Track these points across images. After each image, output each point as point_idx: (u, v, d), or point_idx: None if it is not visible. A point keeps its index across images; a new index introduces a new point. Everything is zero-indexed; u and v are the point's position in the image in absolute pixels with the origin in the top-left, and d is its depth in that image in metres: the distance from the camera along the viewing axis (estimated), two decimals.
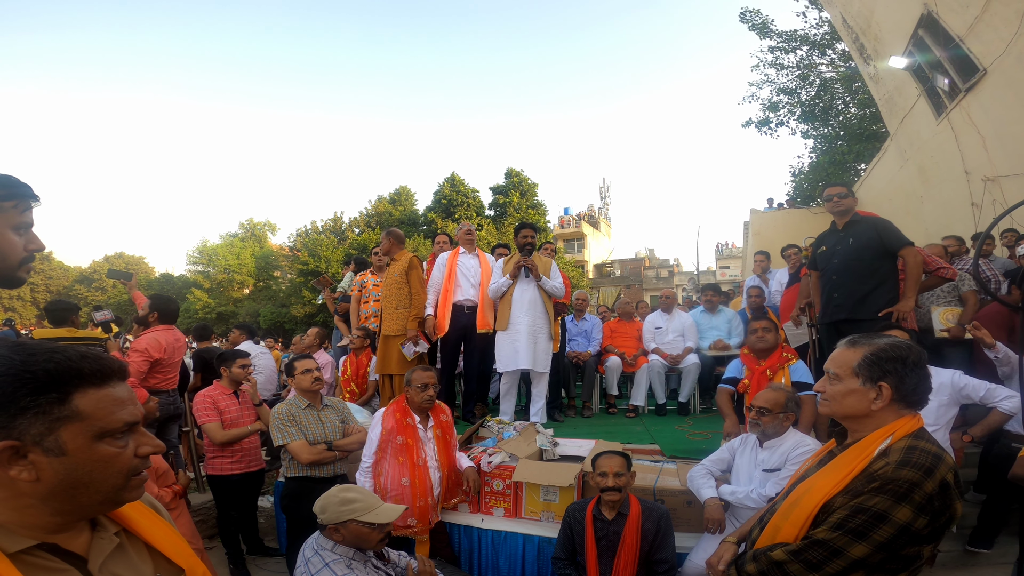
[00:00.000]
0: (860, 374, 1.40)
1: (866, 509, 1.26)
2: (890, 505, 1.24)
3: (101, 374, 0.81)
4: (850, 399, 1.42)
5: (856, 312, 3.63)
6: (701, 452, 3.55)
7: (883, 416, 1.39)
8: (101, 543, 0.85)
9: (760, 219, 14.68)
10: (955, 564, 3.50)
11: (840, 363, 1.46)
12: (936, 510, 1.25)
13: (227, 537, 3.80)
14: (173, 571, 0.95)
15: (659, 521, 2.58)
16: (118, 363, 0.86)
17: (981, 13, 5.76)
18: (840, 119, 13.71)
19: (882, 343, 1.42)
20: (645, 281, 38.29)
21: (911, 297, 3.52)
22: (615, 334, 5.61)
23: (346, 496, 2.11)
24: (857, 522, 1.27)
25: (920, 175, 8.36)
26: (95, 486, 0.79)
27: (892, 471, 1.27)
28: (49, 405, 0.75)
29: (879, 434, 1.36)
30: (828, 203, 3.86)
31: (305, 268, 26.11)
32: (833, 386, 1.47)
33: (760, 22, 13.99)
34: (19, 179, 1.21)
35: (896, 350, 1.39)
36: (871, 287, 3.61)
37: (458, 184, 26.88)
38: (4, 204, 1.18)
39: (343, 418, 3.40)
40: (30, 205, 1.25)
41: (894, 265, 3.67)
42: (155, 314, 4.01)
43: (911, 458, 1.27)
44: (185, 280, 35.11)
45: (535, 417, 4.37)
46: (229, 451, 3.63)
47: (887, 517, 1.24)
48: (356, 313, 5.55)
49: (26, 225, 1.24)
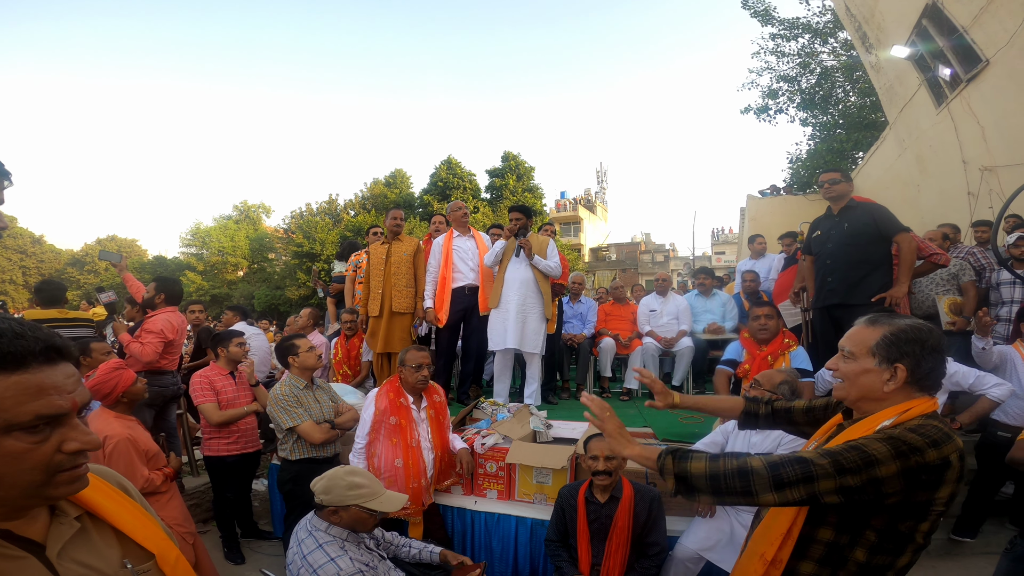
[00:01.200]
0: (877, 354, 1.36)
1: (860, 448, 1.21)
2: (885, 455, 1.19)
3: (14, 358, 0.72)
4: (864, 379, 1.38)
5: (849, 297, 3.63)
6: (694, 436, 3.57)
7: (894, 398, 1.35)
8: (60, 528, 0.81)
9: (756, 205, 14.64)
10: (939, 553, 3.54)
11: (857, 341, 1.42)
12: (921, 483, 1.21)
13: (222, 520, 3.80)
14: (143, 556, 0.89)
15: (651, 505, 2.59)
16: (53, 342, 0.77)
17: (987, 4, 5.72)
18: (840, 107, 13.63)
19: (903, 324, 1.38)
20: (641, 265, 38.31)
21: (904, 283, 3.53)
22: (610, 317, 5.61)
23: (353, 480, 2.10)
24: (847, 456, 1.21)
25: (918, 164, 8.34)
26: (8, 482, 0.72)
27: (900, 432, 1.23)
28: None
29: (891, 411, 1.32)
30: (822, 189, 3.87)
31: (300, 250, 25.98)
32: (847, 365, 1.42)
33: (762, 9, 13.83)
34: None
35: (916, 332, 1.35)
36: (865, 272, 3.61)
37: (455, 167, 26.68)
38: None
39: (332, 396, 3.42)
40: (1, 183, 1.21)
41: (888, 251, 3.67)
42: (162, 295, 3.98)
43: (921, 429, 1.24)
44: (179, 263, 34.89)
45: (529, 399, 4.38)
46: (226, 432, 3.62)
47: (875, 463, 1.19)
48: (351, 293, 5.52)
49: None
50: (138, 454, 2.65)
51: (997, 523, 3.61)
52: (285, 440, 3.15)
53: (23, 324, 0.75)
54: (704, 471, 1.30)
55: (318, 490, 2.11)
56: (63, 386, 0.76)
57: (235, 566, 3.66)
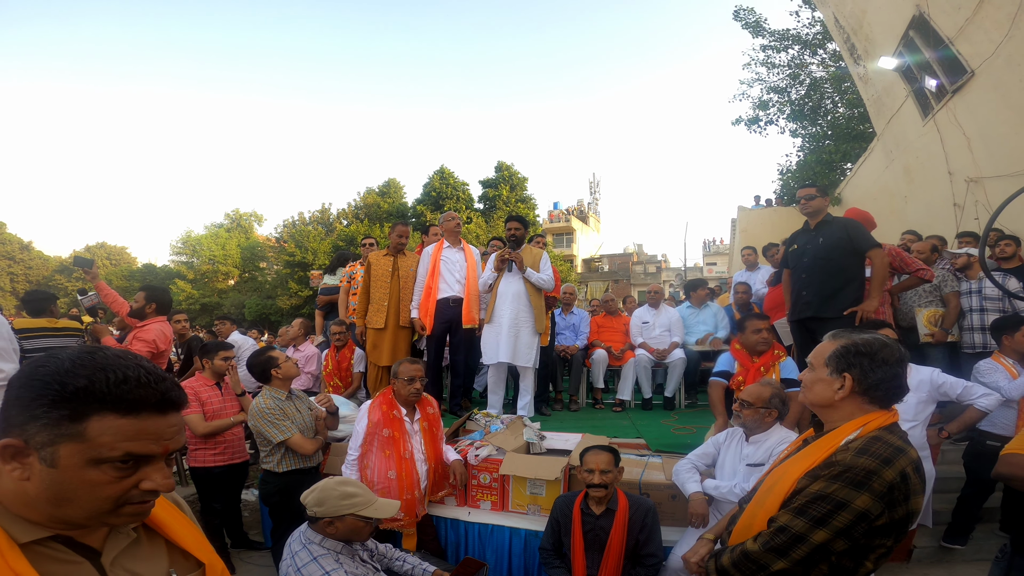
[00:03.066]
0: (829, 364, 1.48)
1: (826, 496, 1.31)
2: (848, 492, 1.28)
3: (134, 404, 0.77)
4: (817, 387, 1.50)
5: (822, 310, 3.70)
6: (686, 447, 3.57)
7: (847, 408, 1.44)
8: (117, 538, 0.86)
9: (747, 216, 14.81)
10: (930, 560, 3.57)
11: (817, 353, 1.54)
12: (895, 500, 1.29)
13: (210, 530, 3.74)
14: (191, 567, 0.94)
15: (646, 516, 2.59)
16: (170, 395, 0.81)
17: (972, 15, 5.82)
18: (828, 119, 13.81)
19: (858, 338, 1.47)
20: (633, 276, 38.47)
21: (875, 297, 3.61)
22: (602, 329, 5.63)
23: (346, 490, 2.09)
24: (818, 508, 1.31)
25: (905, 175, 8.46)
26: (78, 504, 0.77)
27: (850, 459, 1.31)
28: (60, 420, 0.74)
29: (851, 425, 1.41)
30: (799, 205, 3.97)
31: (292, 259, 25.87)
32: (807, 374, 1.55)
33: (753, 21, 14.03)
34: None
35: (868, 345, 1.44)
36: (838, 286, 3.69)
37: (448, 177, 26.73)
38: None
39: (308, 404, 3.41)
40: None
41: (862, 265, 3.75)
42: (152, 305, 3.93)
43: (870, 448, 1.32)
44: (168, 271, 34.62)
45: (522, 411, 4.37)
46: (212, 443, 3.59)
47: (846, 504, 1.28)
48: (344, 305, 5.49)
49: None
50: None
51: (987, 530, 3.63)
52: (272, 453, 3.11)
53: (151, 373, 0.80)
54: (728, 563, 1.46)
55: (310, 503, 2.09)
56: (163, 434, 0.81)
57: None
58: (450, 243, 4.73)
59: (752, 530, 1.46)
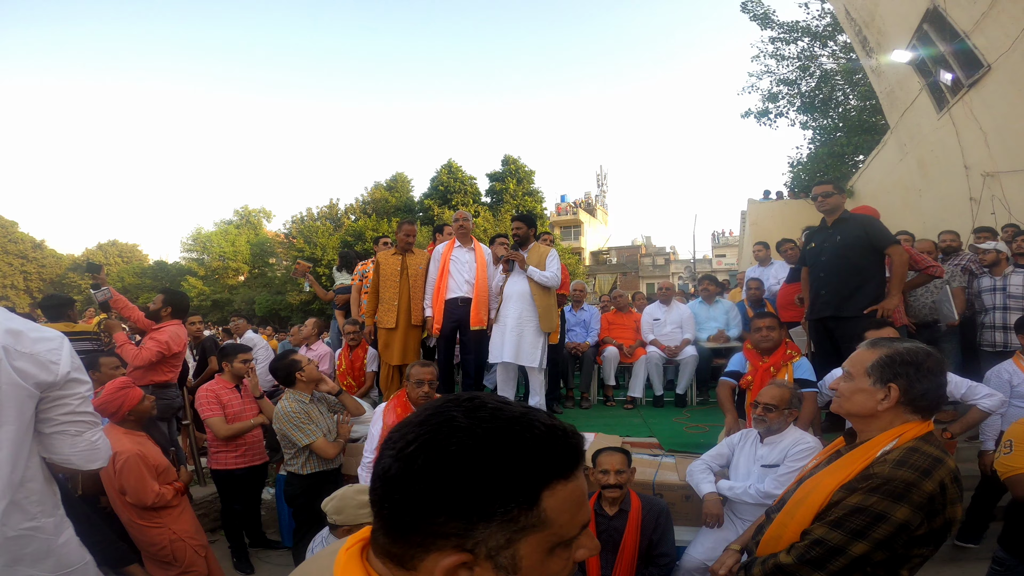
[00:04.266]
0: (872, 374, 1.43)
1: (865, 509, 1.29)
2: (888, 505, 1.27)
3: (575, 459, 0.61)
4: (858, 397, 1.45)
5: (841, 309, 3.66)
6: (699, 446, 3.58)
7: (887, 418, 1.41)
8: None
9: (758, 209, 14.70)
10: (943, 559, 3.56)
11: (856, 362, 1.49)
12: (935, 510, 1.27)
13: (231, 531, 3.81)
14: None
15: (659, 517, 2.61)
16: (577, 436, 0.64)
17: (988, 9, 5.75)
18: (839, 111, 13.69)
19: (901, 347, 1.44)
20: (641, 269, 38.38)
21: (895, 295, 3.56)
22: (613, 325, 5.63)
23: (364, 499, 2.11)
24: (856, 521, 1.30)
25: (919, 169, 8.37)
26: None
27: (889, 471, 1.30)
28: (519, 511, 0.56)
29: (887, 436, 1.39)
30: (815, 202, 3.90)
31: (301, 255, 26.00)
32: (845, 383, 1.50)
33: (762, 12, 13.88)
34: None
35: (912, 355, 1.41)
36: (857, 284, 3.64)
37: (455, 171, 26.73)
38: None
39: (329, 405, 3.45)
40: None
41: (881, 263, 3.69)
42: (169, 308, 3.98)
43: (909, 459, 1.30)
44: (180, 267, 34.91)
45: None
46: (232, 445, 3.61)
47: (886, 516, 1.27)
48: (357, 303, 5.53)
49: None
50: (148, 469, 2.66)
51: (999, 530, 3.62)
52: (296, 456, 3.15)
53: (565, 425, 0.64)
54: (760, 574, 1.46)
55: (330, 510, 2.12)
56: (587, 490, 0.65)
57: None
58: (461, 243, 4.72)
59: (782, 541, 1.45)
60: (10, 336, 1.30)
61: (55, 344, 1.40)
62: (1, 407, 1.29)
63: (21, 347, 1.32)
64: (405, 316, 4.59)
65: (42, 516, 1.39)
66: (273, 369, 3.35)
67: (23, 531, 1.34)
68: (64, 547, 1.44)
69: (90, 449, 1.47)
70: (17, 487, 1.33)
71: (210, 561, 2.88)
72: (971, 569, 3.46)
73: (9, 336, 1.30)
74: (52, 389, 1.38)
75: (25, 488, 1.35)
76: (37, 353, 1.34)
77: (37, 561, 1.37)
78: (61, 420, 1.41)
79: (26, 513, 1.35)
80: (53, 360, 1.37)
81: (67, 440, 1.42)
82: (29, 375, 1.32)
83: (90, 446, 1.47)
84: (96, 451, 1.49)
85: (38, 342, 1.36)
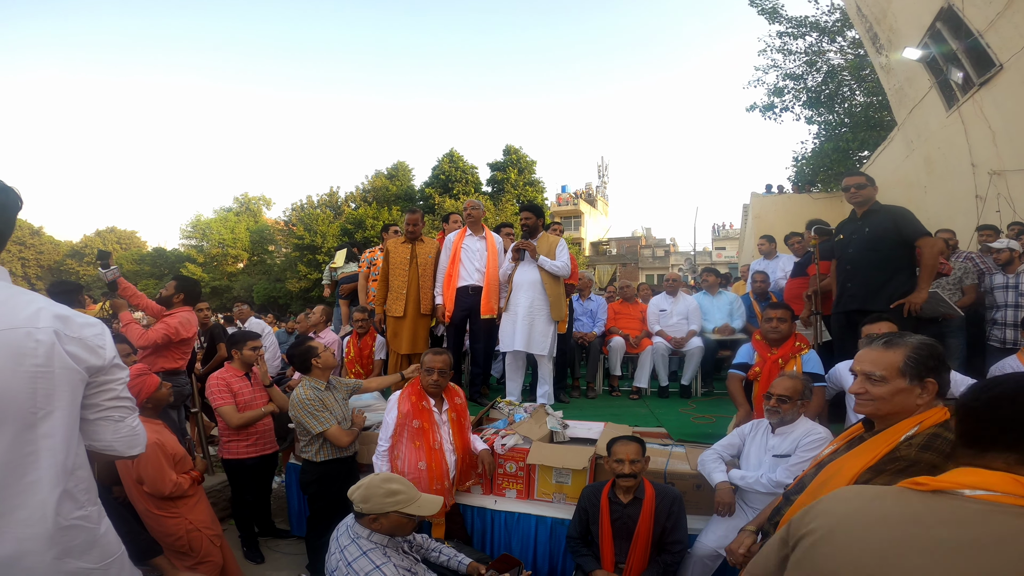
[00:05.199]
0: (907, 373, 1.47)
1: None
2: None
3: None
4: (899, 397, 1.48)
5: (869, 303, 3.58)
6: (707, 436, 3.62)
7: (923, 406, 1.47)
8: None
9: (761, 203, 14.69)
10: None
11: (883, 365, 1.50)
12: None
13: (241, 520, 3.82)
14: None
15: (672, 505, 2.65)
16: None
17: (1004, 9, 5.73)
18: (845, 106, 13.64)
19: (915, 342, 1.49)
20: (641, 260, 38.36)
21: (924, 288, 3.44)
22: (619, 316, 5.65)
23: (391, 487, 2.13)
24: None
25: (925, 165, 8.37)
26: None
27: (916, 453, 1.35)
28: None
29: (909, 422, 1.44)
30: (846, 193, 3.79)
31: (301, 243, 25.96)
32: (879, 387, 1.51)
33: (770, 7, 13.79)
34: None
35: (932, 348, 1.47)
36: (885, 277, 3.56)
37: (457, 160, 26.60)
38: None
39: (344, 392, 3.46)
40: None
41: (910, 255, 3.59)
42: (181, 295, 3.98)
43: (933, 443, 1.36)
44: (178, 254, 34.81)
45: (542, 399, 4.42)
46: (244, 434, 3.58)
47: None
48: (364, 291, 5.53)
49: None
50: (166, 458, 2.65)
51: None
52: (310, 443, 3.17)
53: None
54: None
55: (356, 499, 2.13)
56: None
57: (255, 565, 3.70)
58: (472, 232, 4.73)
59: None
60: (59, 321, 1.29)
61: (99, 329, 1.39)
62: (55, 392, 1.27)
63: (71, 332, 1.31)
64: (414, 305, 4.60)
65: (89, 504, 1.38)
66: (290, 355, 3.35)
67: (74, 520, 1.33)
68: (105, 536, 1.43)
69: (132, 435, 1.46)
70: (70, 474, 1.33)
71: (224, 551, 2.88)
72: None
73: (59, 321, 1.29)
74: (100, 374, 1.37)
75: (75, 476, 1.35)
76: (86, 338, 1.33)
77: (84, 552, 1.36)
78: (106, 406, 1.40)
79: (76, 501, 1.34)
80: (100, 344, 1.37)
81: (111, 426, 1.42)
82: (81, 359, 1.32)
83: (132, 431, 1.47)
84: (137, 436, 1.49)
85: (84, 327, 1.35)
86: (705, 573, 2.76)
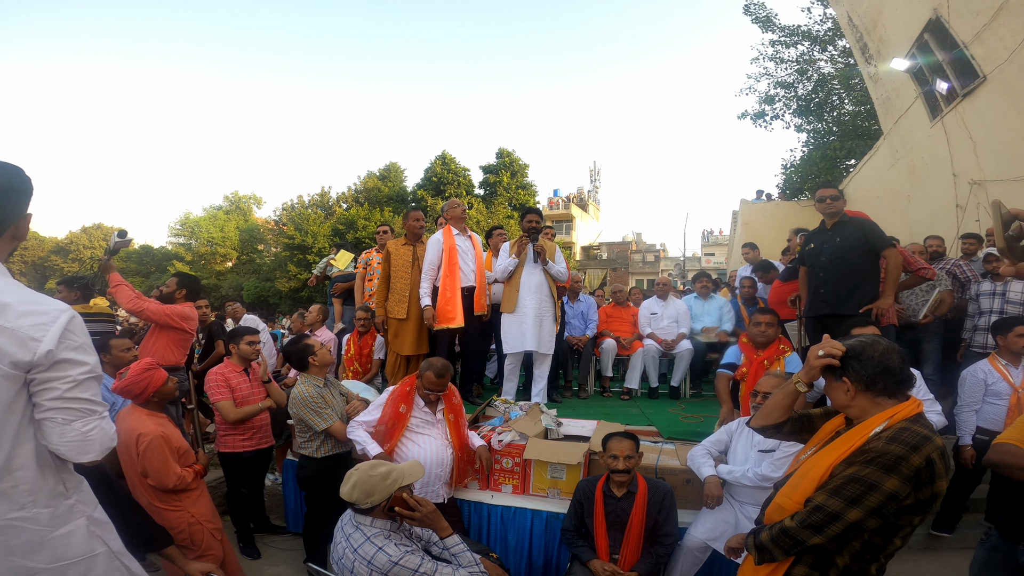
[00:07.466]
0: (832, 372, 1.65)
1: (859, 478, 1.45)
2: (880, 476, 1.43)
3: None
4: (833, 394, 1.67)
5: (839, 307, 3.83)
6: (696, 434, 3.74)
7: (862, 404, 1.59)
8: None
9: (750, 209, 14.89)
10: (919, 547, 3.77)
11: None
12: (921, 482, 1.44)
13: (237, 515, 3.84)
14: None
15: (664, 498, 2.75)
16: None
17: (989, 21, 5.90)
18: (834, 115, 13.90)
19: (848, 344, 1.63)
20: (632, 265, 38.61)
21: (889, 295, 3.73)
22: (611, 319, 5.77)
23: (381, 472, 2.19)
24: (852, 489, 1.46)
25: (909, 175, 8.58)
26: None
27: (882, 446, 1.46)
28: None
29: (879, 417, 1.55)
30: (821, 204, 4.01)
31: (291, 242, 25.86)
32: (826, 386, 1.72)
33: (764, 15, 14.03)
34: None
35: (853, 349, 1.61)
36: (854, 284, 3.81)
37: (449, 162, 26.65)
38: None
39: (340, 389, 3.52)
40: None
41: (877, 264, 3.87)
42: (183, 291, 4.01)
43: (900, 436, 1.46)
44: (166, 252, 34.49)
45: (537, 397, 4.50)
46: (241, 429, 3.61)
47: (878, 486, 1.43)
48: (360, 291, 5.58)
49: None
50: (171, 451, 2.69)
51: (973, 520, 3.85)
52: (311, 439, 3.22)
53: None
54: (767, 539, 1.62)
55: (358, 496, 2.15)
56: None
57: (252, 560, 3.72)
58: (458, 231, 4.70)
59: (786, 511, 1.61)
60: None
61: (45, 319, 1.24)
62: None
63: (3, 321, 1.19)
64: (416, 307, 4.61)
65: (33, 506, 1.29)
66: (287, 353, 3.40)
67: (10, 521, 1.26)
68: (63, 539, 1.35)
69: (80, 440, 1.32)
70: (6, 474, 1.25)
71: (225, 545, 2.91)
72: (946, 558, 3.66)
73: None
74: (35, 370, 1.24)
75: (12, 476, 1.26)
76: (18, 328, 1.20)
77: (29, 552, 1.29)
78: (47, 406, 1.27)
79: (13, 503, 1.27)
80: (34, 336, 1.22)
81: (56, 428, 1.29)
82: (4, 353, 1.19)
83: (80, 437, 1.31)
84: (88, 443, 1.33)
85: (24, 316, 1.22)
86: (695, 564, 2.87)
